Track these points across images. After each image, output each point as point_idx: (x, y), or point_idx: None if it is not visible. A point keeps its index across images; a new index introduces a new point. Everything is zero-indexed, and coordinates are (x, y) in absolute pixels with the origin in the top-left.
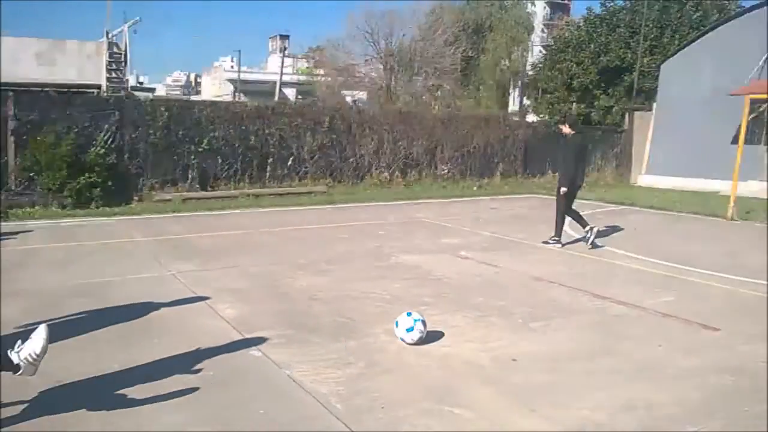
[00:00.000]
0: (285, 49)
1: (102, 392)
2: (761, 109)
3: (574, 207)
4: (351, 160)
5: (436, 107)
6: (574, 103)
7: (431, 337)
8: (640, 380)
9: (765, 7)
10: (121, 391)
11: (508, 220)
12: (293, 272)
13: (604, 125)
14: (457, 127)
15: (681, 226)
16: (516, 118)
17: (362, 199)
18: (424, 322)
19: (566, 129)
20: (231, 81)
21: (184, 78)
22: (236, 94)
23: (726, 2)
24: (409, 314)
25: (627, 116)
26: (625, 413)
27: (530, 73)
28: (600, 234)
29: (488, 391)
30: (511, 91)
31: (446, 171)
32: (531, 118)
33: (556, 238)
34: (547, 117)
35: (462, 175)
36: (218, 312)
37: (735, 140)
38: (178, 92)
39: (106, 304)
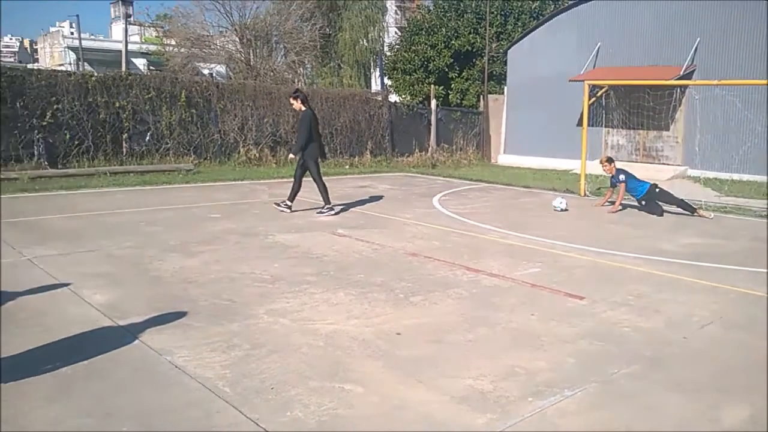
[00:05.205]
0: (129, 16)
1: None
2: (598, 95)
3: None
4: (215, 136)
5: (299, 84)
6: (432, 85)
7: (316, 315)
8: (518, 348)
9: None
10: None
11: (380, 197)
12: (163, 254)
13: (462, 107)
14: (322, 105)
15: (540, 201)
16: (379, 98)
17: (232, 177)
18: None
19: (297, 104)
20: (72, 49)
21: (17, 44)
22: (80, 63)
23: None
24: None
25: (482, 99)
26: (507, 380)
27: (388, 53)
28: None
29: (376, 365)
30: (372, 70)
31: None
32: (393, 98)
33: (289, 203)
34: (409, 97)
35: (332, 153)
36: (85, 298)
37: (580, 123)
38: (11, 59)
39: None
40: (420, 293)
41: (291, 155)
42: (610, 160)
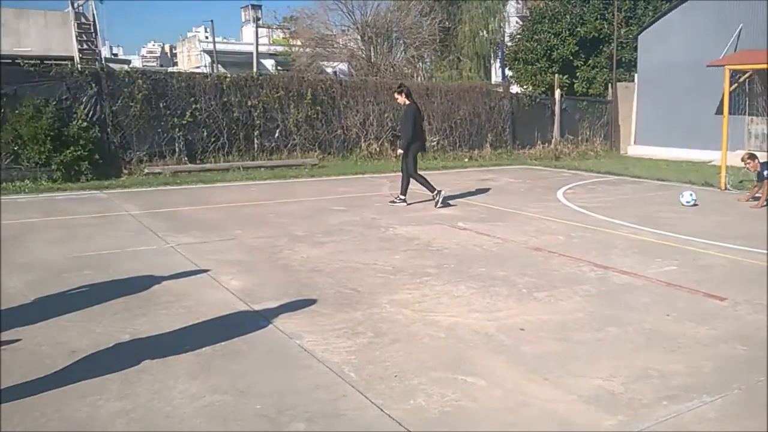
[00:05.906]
0: (259, 19)
1: (115, 361)
2: (741, 80)
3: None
4: (338, 132)
5: (418, 78)
6: (555, 74)
7: (437, 307)
8: (651, 349)
9: None
10: (134, 361)
11: (501, 190)
12: (292, 244)
13: (588, 96)
14: (442, 98)
15: (674, 195)
16: (500, 89)
17: (354, 171)
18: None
19: (401, 99)
20: (207, 52)
21: (159, 49)
22: (214, 65)
23: None
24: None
25: (610, 87)
26: (640, 382)
27: (509, 44)
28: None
29: (499, 360)
30: (492, 61)
31: (435, 142)
32: (515, 89)
33: (402, 197)
34: (531, 88)
35: (452, 146)
36: (222, 283)
37: (719, 111)
38: (154, 64)
39: (109, 277)
40: (544, 289)
41: (399, 150)
42: (752, 157)
